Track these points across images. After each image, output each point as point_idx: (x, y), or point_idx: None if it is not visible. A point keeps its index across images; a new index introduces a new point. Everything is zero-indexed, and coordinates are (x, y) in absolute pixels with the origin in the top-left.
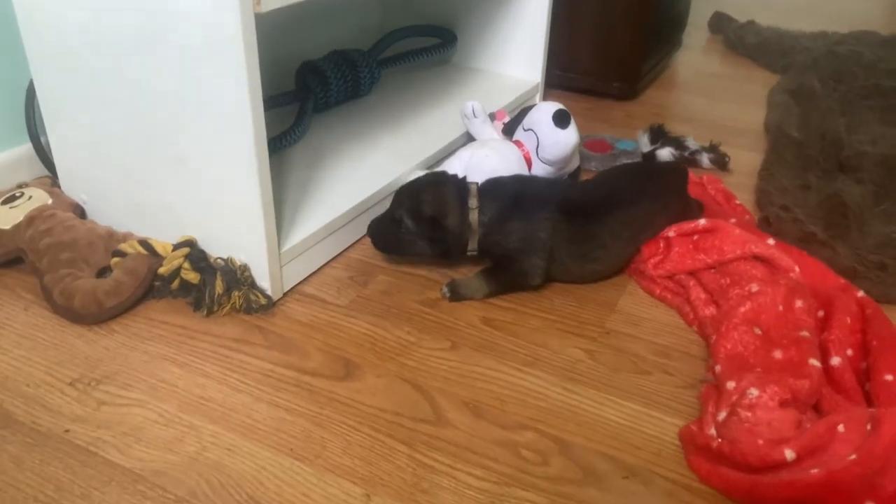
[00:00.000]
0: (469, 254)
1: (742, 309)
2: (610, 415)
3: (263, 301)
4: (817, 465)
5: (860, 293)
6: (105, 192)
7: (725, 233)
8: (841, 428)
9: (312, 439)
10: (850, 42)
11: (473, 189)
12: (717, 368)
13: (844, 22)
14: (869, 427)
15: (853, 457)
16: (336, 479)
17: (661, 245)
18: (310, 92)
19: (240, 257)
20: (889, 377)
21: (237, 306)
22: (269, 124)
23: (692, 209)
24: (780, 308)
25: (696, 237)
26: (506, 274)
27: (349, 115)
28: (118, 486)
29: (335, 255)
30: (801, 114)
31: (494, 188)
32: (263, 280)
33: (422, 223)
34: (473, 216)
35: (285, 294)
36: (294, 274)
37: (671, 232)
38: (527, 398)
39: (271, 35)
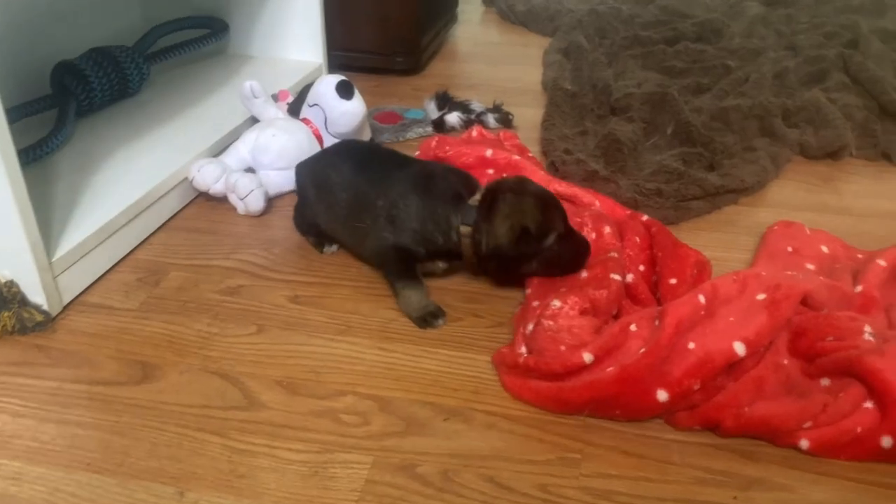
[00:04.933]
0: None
1: None
2: (426, 365)
3: (40, 318)
4: (613, 364)
5: (645, 217)
6: None
7: (531, 172)
8: (633, 327)
9: (112, 449)
10: (609, 2)
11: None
12: (527, 292)
13: None
14: (657, 322)
15: (642, 350)
16: (143, 484)
17: None
18: (70, 94)
19: (3, 274)
20: (673, 281)
21: (9, 328)
22: (26, 132)
23: None
24: (593, 236)
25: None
26: None
27: (120, 116)
28: None
29: (120, 258)
30: (572, 69)
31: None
32: (36, 295)
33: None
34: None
35: (66, 307)
36: (73, 284)
37: (489, 151)
38: (342, 365)
39: (20, 35)
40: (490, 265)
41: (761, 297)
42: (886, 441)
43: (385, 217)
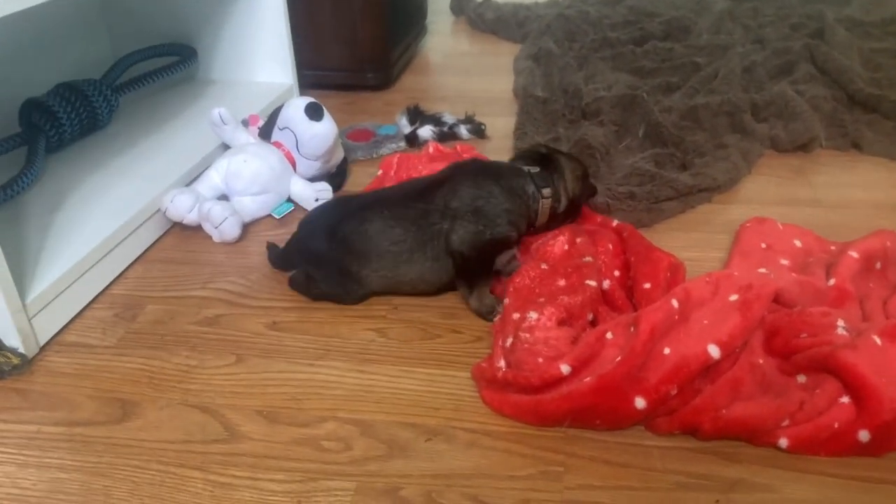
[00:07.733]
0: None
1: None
2: (406, 385)
3: (16, 361)
4: (590, 374)
5: (615, 223)
6: None
7: None
8: (609, 335)
9: (93, 491)
10: (577, 5)
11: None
12: (506, 301)
13: None
14: (632, 329)
15: (618, 358)
16: None
17: None
18: (39, 131)
19: None
20: (647, 285)
21: None
22: None
23: None
24: (566, 247)
25: None
26: None
27: (90, 149)
28: None
29: (96, 294)
30: (543, 74)
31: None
32: (12, 338)
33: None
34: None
35: (43, 348)
36: (49, 324)
37: None
38: (322, 391)
39: None
40: (560, 217)
41: (734, 298)
42: (864, 435)
43: (471, 212)
